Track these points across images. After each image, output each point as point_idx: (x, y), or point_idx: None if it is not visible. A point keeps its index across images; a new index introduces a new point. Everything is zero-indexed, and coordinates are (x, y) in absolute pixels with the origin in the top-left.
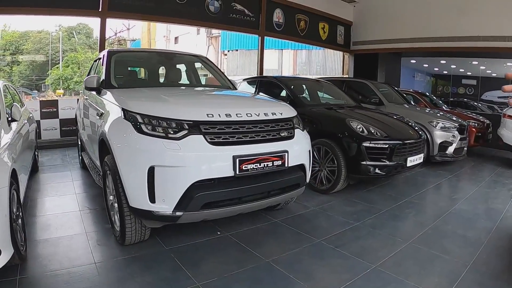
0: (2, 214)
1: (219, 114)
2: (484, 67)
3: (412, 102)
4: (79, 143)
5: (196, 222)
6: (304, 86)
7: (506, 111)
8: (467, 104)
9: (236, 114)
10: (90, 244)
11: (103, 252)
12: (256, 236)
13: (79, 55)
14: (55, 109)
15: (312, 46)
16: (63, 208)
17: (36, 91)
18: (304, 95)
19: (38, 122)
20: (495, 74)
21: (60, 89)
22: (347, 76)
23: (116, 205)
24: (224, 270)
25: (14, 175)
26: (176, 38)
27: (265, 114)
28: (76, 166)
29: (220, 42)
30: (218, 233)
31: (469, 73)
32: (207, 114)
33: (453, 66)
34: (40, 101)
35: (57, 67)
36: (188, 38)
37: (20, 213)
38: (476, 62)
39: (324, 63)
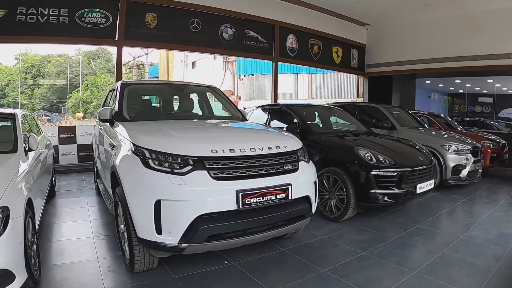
0: (17, 242)
1: (223, 150)
2: (499, 85)
3: (426, 125)
4: (95, 169)
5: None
6: (315, 113)
7: None
8: (484, 123)
9: (240, 149)
10: (101, 270)
11: (113, 278)
12: (262, 265)
13: (99, 79)
14: (73, 135)
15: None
16: (78, 234)
17: (56, 114)
18: (315, 122)
19: (56, 147)
20: (511, 91)
21: (79, 112)
22: (362, 99)
23: (126, 234)
24: None
25: (29, 203)
26: (193, 63)
27: (269, 148)
28: (92, 192)
29: (236, 67)
30: (226, 262)
31: (485, 91)
32: (211, 150)
33: (468, 85)
34: (58, 127)
35: (77, 91)
36: (205, 63)
37: (35, 239)
38: (491, 80)
39: (339, 87)
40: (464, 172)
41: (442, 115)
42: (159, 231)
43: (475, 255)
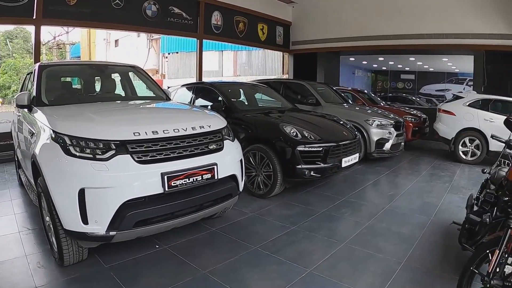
0: None
1: (145, 132)
2: (421, 63)
3: (350, 101)
4: (16, 159)
5: None
6: (240, 90)
7: (441, 106)
8: (406, 98)
9: (163, 131)
10: (30, 267)
11: (44, 274)
12: (194, 247)
13: (17, 61)
14: None
15: (252, 47)
16: (2, 230)
17: None
18: (240, 100)
19: None
20: (432, 69)
21: None
22: (287, 76)
23: (52, 226)
24: (162, 285)
25: None
26: (116, 41)
27: (193, 128)
28: (14, 184)
29: (160, 45)
30: (157, 246)
31: (407, 68)
32: (134, 133)
33: (391, 63)
34: None
35: None
36: (128, 41)
37: None
38: (413, 58)
39: (264, 64)
40: (388, 146)
41: (365, 91)
42: (85, 221)
43: (401, 224)
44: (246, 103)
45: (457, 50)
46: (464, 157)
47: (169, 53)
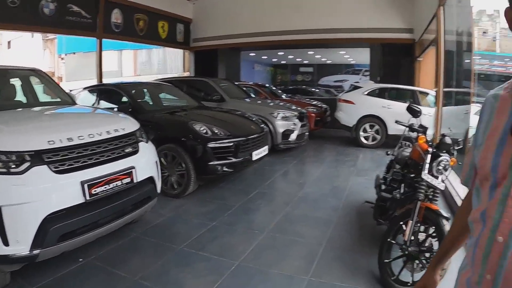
0: None
1: (60, 140)
2: (319, 56)
3: (252, 95)
4: None
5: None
6: (145, 91)
7: (341, 96)
8: (306, 90)
9: (78, 137)
10: None
11: None
12: (119, 255)
13: None
14: None
15: (152, 45)
16: None
17: None
18: (145, 100)
19: None
20: (329, 61)
21: None
22: (188, 73)
23: None
24: None
25: None
26: (9, 43)
27: (108, 132)
28: None
29: (56, 45)
30: (80, 260)
31: (306, 62)
32: (48, 141)
33: (290, 57)
34: None
35: None
36: (22, 42)
37: None
38: (312, 52)
39: (165, 62)
40: (293, 136)
41: (267, 85)
42: (5, 242)
43: (315, 209)
44: (152, 103)
45: (355, 43)
46: (365, 142)
47: (66, 54)
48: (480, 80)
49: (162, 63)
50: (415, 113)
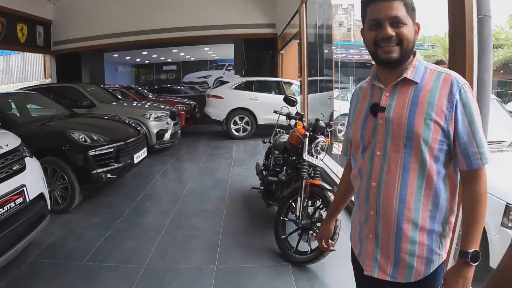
0: None
1: None
2: (183, 53)
3: (121, 98)
4: None
5: None
6: (10, 102)
7: (209, 92)
8: (171, 89)
9: None
10: None
11: None
12: (21, 285)
13: None
14: None
15: (11, 51)
16: None
17: None
18: (12, 112)
19: None
20: (193, 58)
21: None
22: (50, 79)
23: None
24: None
25: None
26: None
27: None
28: None
29: None
30: None
31: (169, 60)
32: None
33: (154, 56)
34: None
35: None
36: None
37: None
38: (176, 50)
39: (24, 69)
40: (167, 136)
41: (134, 86)
42: None
43: (204, 203)
44: (20, 115)
45: (219, 39)
46: (237, 133)
47: None
48: (338, 67)
49: (22, 70)
50: (291, 103)
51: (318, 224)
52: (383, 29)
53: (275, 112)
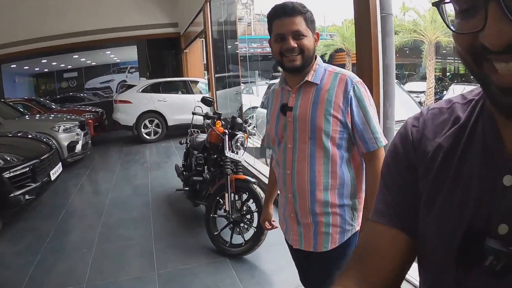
0: None
1: None
2: (84, 59)
3: (23, 111)
4: None
5: None
6: None
7: (116, 97)
8: (75, 97)
9: None
10: None
11: None
12: None
13: None
14: None
15: None
16: None
17: None
18: None
19: None
20: (94, 63)
21: None
22: None
23: None
24: None
25: None
26: None
27: None
28: None
29: None
30: None
31: (70, 67)
32: None
33: (54, 63)
34: None
35: None
36: None
37: None
38: (77, 56)
39: None
40: (79, 147)
41: (34, 98)
42: None
43: (129, 211)
44: None
45: (121, 42)
46: (148, 137)
47: None
48: (243, 62)
49: None
50: (209, 103)
51: (248, 216)
52: (287, 42)
53: (193, 113)
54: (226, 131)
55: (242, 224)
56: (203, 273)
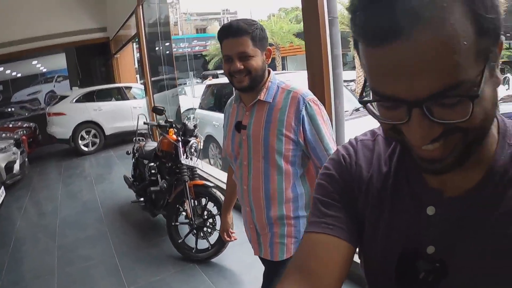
0: None
1: None
2: (10, 70)
3: None
4: None
5: None
6: None
7: (49, 110)
8: (3, 112)
9: None
10: None
11: None
12: None
13: None
14: None
15: None
16: None
17: None
18: None
19: None
20: (20, 74)
21: None
22: None
23: None
24: None
25: None
26: None
27: None
28: None
29: None
30: None
31: None
32: None
33: None
34: None
35: None
36: None
37: None
38: (2, 68)
39: None
40: (17, 167)
41: None
42: None
43: (83, 229)
44: None
45: (49, 50)
46: (86, 149)
47: None
48: (177, 62)
49: None
50: (160, 112)
51: (210, 220)
52: (234, 63)
53: (145, 123)
54: (179, 138)
55: (205, 229)
56: (175, 283)
